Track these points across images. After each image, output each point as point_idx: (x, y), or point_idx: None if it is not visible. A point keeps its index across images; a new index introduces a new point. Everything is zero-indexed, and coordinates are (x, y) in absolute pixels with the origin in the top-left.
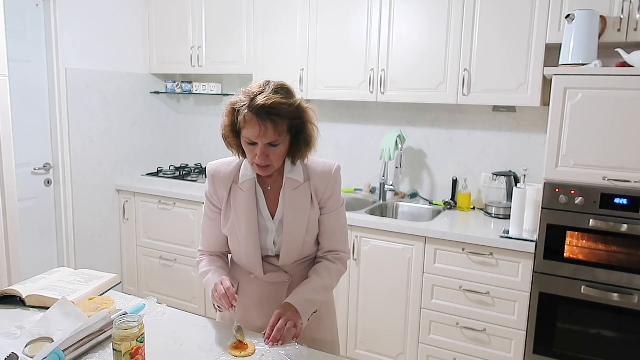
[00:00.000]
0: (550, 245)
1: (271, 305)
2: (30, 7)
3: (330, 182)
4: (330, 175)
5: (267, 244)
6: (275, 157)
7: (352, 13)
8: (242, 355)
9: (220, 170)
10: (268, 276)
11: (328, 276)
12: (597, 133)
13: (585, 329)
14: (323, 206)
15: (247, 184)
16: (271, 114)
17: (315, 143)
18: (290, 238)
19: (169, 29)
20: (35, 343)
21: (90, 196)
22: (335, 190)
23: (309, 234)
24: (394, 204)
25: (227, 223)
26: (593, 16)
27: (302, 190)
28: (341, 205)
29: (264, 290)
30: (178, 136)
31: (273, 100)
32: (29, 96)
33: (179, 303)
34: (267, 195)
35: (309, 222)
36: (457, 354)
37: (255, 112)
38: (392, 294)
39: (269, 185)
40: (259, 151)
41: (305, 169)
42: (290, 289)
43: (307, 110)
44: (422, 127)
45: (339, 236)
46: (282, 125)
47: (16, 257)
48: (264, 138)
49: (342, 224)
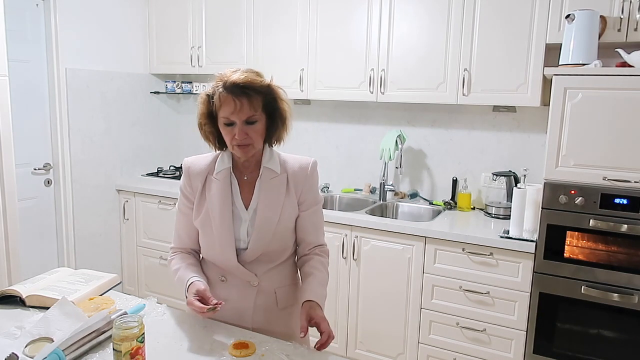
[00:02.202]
0: (550, 245)
1: (237, 310)
2: (30, 7)
3: (308, 175)
4: (307, 168)
5: (240, 235)
6: (254, 135)
7: (352, 13)
8: (242, 355)
9: (196, 163)
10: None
11: (325, 270)
12: (597, 133)
13: (585, 329)
14: (303, 200)
15: (222, 173)
16: (245, 88)
17: (290, 122)
18: (262, 225)
19: (169, 29)
20: (35, 343)
21: (90, 196)
22: (313, 183)
23: (280, 224)
24: (394, 204)
25: (199, 214)
26: (593, 16)
27: (278, 180)
28: (321, 201)
29: (232, 293)
30: (178, 136)
31: (245, 75)
32: (29, 96)
33: (179, 303)
34: (242, 186)
35: (282, 212)
36: (457, 354)
37: (230, 90)
38: (392, 294)
39: (245, 175)
40: (238, 129)
41: (283, 162)
42: (258, 295)
43: (278, 89)
44: (422, 127)
45: (322, 230)
46: (257, 100)
47: (16, 257)
48: (241, 114)
49: (322, 219)
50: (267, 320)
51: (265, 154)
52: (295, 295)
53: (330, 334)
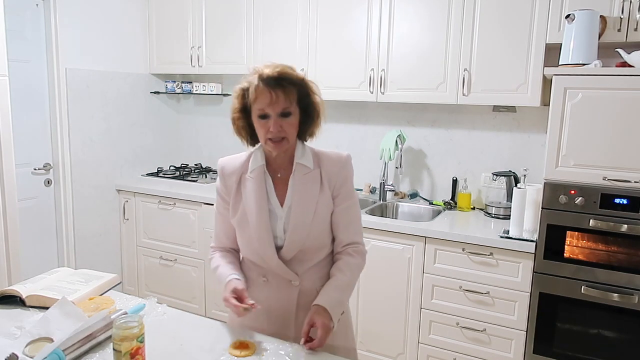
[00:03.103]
0: (550, 245)
1: (280, 311)
2: (30, 7)
3: (342, 168)
4: (342, 161)
5: (276, 231)
6: (289, 128)
7: (352, 13)
8: (242, 355)
9: (229, 163)
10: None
11: (351, 273)
12: (597, 133)
13: (585, 329)
14: (337, 194)
15: (256, 171)
16: (280, 79)
17: (323, 117)
18: (297, 222)
19: (169, 29)
20: (35, 343)
21: (90, 196)
22: (348, 177)
23: (315, 220)
24: (394, 204)
25: (236, 213)
26: (593, 16)
27: (311, 176)
28: (355, 196)
29: (273, 295)
30: (178, 136)
31: (280, 68)
32: (29, 96)
33: (179, 303)
34: (277, 183)
35: (316, 208)
36: (457, 354)
37: (265, 83)
38: (392, 293)
39: (278, 173)
40: (272, 122)
41: (316, 158)
42: (300, 295)
43: (311, 83)
44: (422, 127)
45: (356, 227)
46: (292, 93)
47: (16, 257)
48: (276, 105)
49: (358, 216)
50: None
51: (298, 149)
52: None
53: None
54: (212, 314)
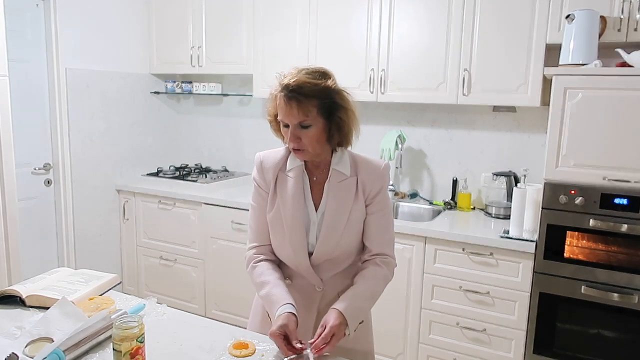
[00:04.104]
0: (550, 245)
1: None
2: (30, 7)
3: (378, 177)
4: (378, 170)
5: (309, 236)
6: (308, 140)
7: (352, 13)
8: (242, 355)
9: (269, 157)
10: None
11: (375, 282)
12: (597, 133)
13: (585, 329)
14: (370, 202)
15: (295, 171)
16: (295, 91)
17: (352, 127)
18: (329, 229)
19: (169, 29)
20: (35, 343)
21: (90, 196)
22: (383, 186)
23: (347, 229)
24: (394, 204)
25: (272, 208)
26: (593, 16)
27: (347, 183)
28: (390, 206)
29: (295, 298)
30: (178, 136)
31: (297, 78)
32: (29, 96)
33: (179, 303)
34: (312, 186)
35: (350, 215)
36: (457, 354)
37: (283, 92)
38: (392, 293)
39: (314, 176)
40: (290, 132)
41: (354, 164)
42: (322, 300)
43: (339, 92)
44: (422, 127)
45: (387, 239)
46: (308, 104)
47: (16, 257)
48: (291, 117)
49: (390, 226)
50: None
51: (335, 155)
52: None
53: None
54: (212, 314)
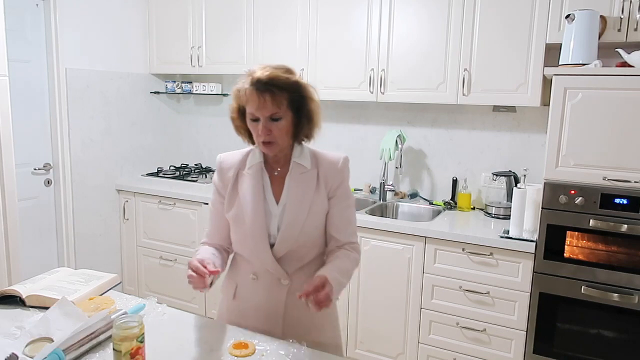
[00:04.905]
0: (550, 245)
1: (268, 310)
2: (30, 7)
3: (338, 170)
4: (338, 163)
5: (270, 229)
6: (279, 133)
7: (352, 13)
8: (242, 355)
9: (228, 158)
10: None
11: (349, 262)
12: (597, 133)
13: (585, 329)
14: (333, 195)
15: (254, 168)
16: (268, 84)
17: (319, 120)
18: (290, 219)
19: (169, 29)
20: (35, 343)
21: (90, 196)
22: (344, 178)
23: (309, 219)
24: (394, 204)
25: (231, 208)
26: (593, 16)
27: (308, 175)
28: (352, 198)
29: (262, 294)
30: (178, 136)
31: (269, 72)
32: (29, 96)
33: (179, 303)
34: (273, 181)
35: (311, 207)
36: (457, 354)
37: (255, 86)
38: (392, 294)
39: (275, 170)
40: (261, 125)
41: (314, 157)
42: (289, 295)
43: (306, 86)
44: (422, 127)
45: (353, 228)
46: (281, 97)
47: (16, 257)
48: (264, 110)
49: (354, 217)
50: (299, 321)
51: (296, 149)
52: None
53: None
54: (212, 314)
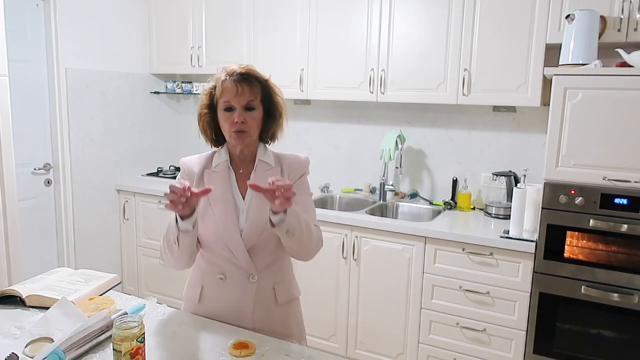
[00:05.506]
0: (550, 245)
1: (237, 309)
2: (30, 7)
3: (300, 165)
4: (300, 160)
5: (239, 224)
6: (252, 123)
7: (352, 13)
8: (242, 355)
9: (191, 160)
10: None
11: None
12: (597, 133)
13: (585, 329)
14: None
15: (221, 166)
16: (245, 75)
17: (284, 122)
18: (256, 213)
19: (169, 29)
20: (35, 343)
21: (90, 196)
22: (305, 173)
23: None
24: (394, 204)
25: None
26: (593, 16)
27: (273, 172)
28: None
29: (230, 293)
30: (178, 136)
31: (247, 66)
32: (29, 96)
33: (179, 303)
34: (239, 179)
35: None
36: (457, 354)
37: (232, 77)
38: (392, 294)
39: (240, 169)
40: (237, 113)
41: (277, 157)
42: (258, 292)
43: (275, 86)
44: (422, 127)
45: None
46: (256, 89)
47: (16, 257)
48: (241, 97)
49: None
50: (267, 317)
51: (260, 149)
52: (293, 291)
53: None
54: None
